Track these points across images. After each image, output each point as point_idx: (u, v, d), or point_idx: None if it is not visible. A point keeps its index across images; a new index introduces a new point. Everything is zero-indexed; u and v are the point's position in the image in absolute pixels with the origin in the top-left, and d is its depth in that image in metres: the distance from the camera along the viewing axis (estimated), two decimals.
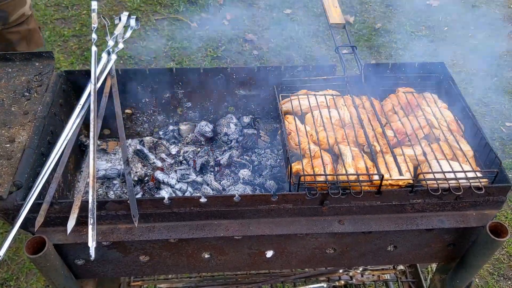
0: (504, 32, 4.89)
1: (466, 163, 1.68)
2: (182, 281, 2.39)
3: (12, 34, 2.58)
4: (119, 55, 3.24)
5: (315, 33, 4.88)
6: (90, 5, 5.04)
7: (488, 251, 1.60)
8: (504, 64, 4.46)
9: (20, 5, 2.57)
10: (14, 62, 1.89)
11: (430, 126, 1.82)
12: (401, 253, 1.77)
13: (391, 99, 1.99)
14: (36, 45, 2.76)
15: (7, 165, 1.50)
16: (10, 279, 2.90)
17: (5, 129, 1.63)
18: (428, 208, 1.64)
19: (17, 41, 2.61)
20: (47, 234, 1.52)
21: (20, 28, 2.60)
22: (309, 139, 1.78)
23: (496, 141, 3.82)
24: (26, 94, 1.76)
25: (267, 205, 1.58)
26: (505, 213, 3.34)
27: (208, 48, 4.66)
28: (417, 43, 4.72)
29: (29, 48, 2.69)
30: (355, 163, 1.65)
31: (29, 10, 2.65)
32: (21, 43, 2.62)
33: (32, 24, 2.69)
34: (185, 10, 5.07)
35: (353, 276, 2.42)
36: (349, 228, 1.62)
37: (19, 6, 2.56)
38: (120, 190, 1.91)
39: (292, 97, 1.97)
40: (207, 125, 2.16)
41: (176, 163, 2.05)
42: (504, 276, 3.03)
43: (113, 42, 1.97)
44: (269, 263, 1.77)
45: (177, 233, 1.59)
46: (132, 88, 2.06)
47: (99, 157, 2.05)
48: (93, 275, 1.74)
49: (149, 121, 2.18)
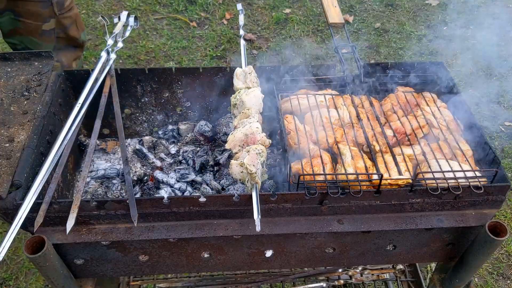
0: (503, 31, 4.89)
1: (465, 162, 1.69)
2: (181, 281, 2.39)
3: (66, 19, 2.72)
4: (118, 54, 3.23)
5: (314, 32, 4.88)
6: (89, 5, 5.05)
7: (487, 250, 1.60)
8: (504, 64, 4.46)
9: None
10: (13, 61, 1.89)
11: (429, 126, 1.82)
12: (400, 252, 1.77)
13: (390, 98, 1.99)
14: (82, 28, 2.90)
15: (6, 165, 1.50)
16: (9, 278, 2.90)
17: (4, 129, 1.63)
18: (427, 207, 1.64)
19: (69, 25, 2.76)
20: (46, 233, 1.52)
21: (71, 13, 2.74)
22: (308, 138, 1.78)
23: (495, 141, 3.82)
24: (25, 94, 1.76)
25: (266, 204, 1.58)
26: (504, 212, 3.35)
27: (207, 47, 4.66)
28: (417, 43, 4.73)
29: (78, 31, 2.84)
30: (354, 162, 1.65)
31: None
32: (72, 27, 2.77)
33: (75, 8, 2.83)
34: (184, 10, 5.06)
35: (353, 276, 2.42)
36: (348, 227, 1.62)
37: None
38: (119, 190, 1.91)
39: (291, 97, 1.97)
40: (207, 124, 2.16)
41: (175, 162, 2.05)
42: (503, 275, 3.03)
43: (112, 41, 1.97)
44: (268, 263, 1.77)
45: (177, 233, 1.59)
46: (131, 88, 2.06)
47: (98, 157, 2.06)
48: (92, 275, 1.74)
49: (149, 120, 2.18)
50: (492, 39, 3.47)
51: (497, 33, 3.39)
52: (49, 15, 2.62)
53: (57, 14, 2.63)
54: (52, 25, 2.66)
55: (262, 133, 1.73)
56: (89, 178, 1.94)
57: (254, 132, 1.70)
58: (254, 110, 1.81)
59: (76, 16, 2.80)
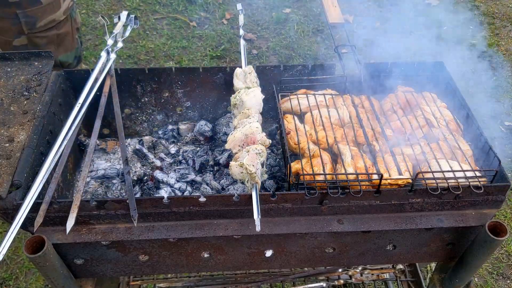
0: (503, 31, 4.90)
1: (465, 162, 1.69)
2: (181, 281, 2.39)
3: (39, 39, 2.61)
4: (118, 54, 3.23)
5: (314, 32, 4.88)
6: (89, 4, 5.05)
7: (487, 250, 1.60)
8: (504, 63, 4.46)
9: (51, 11, 2.58)
10: (13, 61, 1.89)
11: (429, 126, 1.82)
12: (400, 252, 1.77)
13: (390, 98, 1.99)
14: (66, 49, 2.77)
15: (6, 165, 1.50)
16: (9, 278, 2.90)
17: (4, 129, 1.63)
18: (427, 207, 1.64)
19: (45, 45, 2.64)
20: (46, 233, 1.52)
21: (48, 33, 2.63)
22: (308, 138, 1.78)
23: (495, 141, 3.81)
24: (25, 94, 1.76)
25: (266, 204, 1.58)
26: (504, 212, 3.35)
27: (207, 47, 4.66)
28: (417, 42, 4.72)
29: (56, 52, 2.70)
30: (354, 162, 1.65)
31: (62, 15, 2.65)
32: (48, 47, 2.64)
33: (64, 28, 2.70)
34: (184, 9, 5.06)
35: (352, 275, 2.42)
36: (348, 227, 1.62)
37: (49, 12, 2.57)
38: (119, 190, 1.91)
39: (291, 97, 1.97)
40: (206, 124, 2.16)
41: (175, 162, 2.05)
42: (503, 275, 3.03)
43: (112, 41, 1.97)
44: (268, 263, 1.77)
45: (177, 233, 1.59)
46: (131, 88, 2.06)
47: (98, 157, 2.06)
48: (92, 275, 1.74)
49: (148, 120, 2.18)
50: (492, 38, 3.47)
51: (497, 32, 3.38)
52: (18, 32, 2.53)
53: (25, 32, 2.53)
54: (23, 41, 2.57)
55: (262, 133, 1.73)
56: (89, 178, 1.94)
57: (254, 132, 1.70)
58: (254, 110, 1.81)
59: (59, 37, 2.68)
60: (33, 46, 2.61)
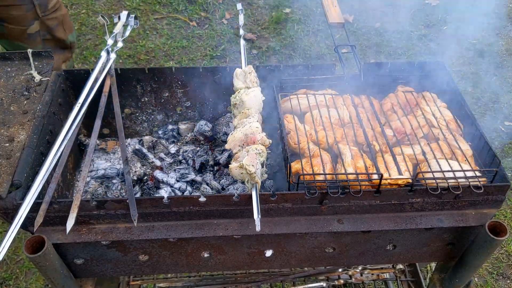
0: (503, 31, 4.89)
1: (465, 162, 1.69)
2: (181, 280, 2.39)
3: (51, 20, 2.69)
4: (118, 54, 3.23)
5: (314, 32, 4.88)
6: (89, 4, 5.05)
7: (487, 250, 1.61)
8: (503, 63, 4.46)
9: None
10: (13, 61, 1.89)
11: (429, 126, 1.82)
12: (400, 252, 1.77)
13: (390, 98, 1.99)
14: (70, 29, 2.86)
15: (6, 165, 1.50)
16: (9, 278, 2.90)
17: (4, 128, 1.63)
18: (427, 207, 1.64)
19: (55, 26, 2.73)
20: (46, 233, 1.52)
21: (56, 14, 2.72)
22: (308, 138, 1.78)
23: (495, 141, 3.82)
24: (25, 93, 1.76)
25: (266, 204, 1.58)
26: (504, 212, 3.35)
27: (207, 47, 4.66)
28: (416, 42, 4.72)
29: (65, 32, 2.80)
30: (354, 162, 1.65)
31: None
32: (58, 28, 2.74)
33: (63, 9, 2.80)
34: (184, 9, 5.06)
35: (352, 275, 2.42)
36: (348, 227, 1.62)
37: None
38: (119, 190, 1.91)
39: (291, 97, 1.97)
40: (206, 124, 2.16)
41: (175, 162, 2.05)
42: (503, 275, 3.03)
43: (112, 41, 1.97)
44: (268, 262, 1.77)
45: (177, 233, 1.59)
46: (131, 88, 2.06)
47: (98, 157, 2.06)
48: (92, 275, 1.74)
49: (148, 120, 2.18)
50: (492, 38, 3.47)
51: (497, 32, 3.39)
52: (33, 18, 2.59)
53: (40, 16, 2.60)
54: (37, 28, 2.63)
55: (262, 133, 1.73)
56: (89, 178, 1.95)
57: (254, 132, 1.70)
58: (254, 110, 1.81)
59: (63, 17, 2.77)
60: (45, 31, 2.68)
